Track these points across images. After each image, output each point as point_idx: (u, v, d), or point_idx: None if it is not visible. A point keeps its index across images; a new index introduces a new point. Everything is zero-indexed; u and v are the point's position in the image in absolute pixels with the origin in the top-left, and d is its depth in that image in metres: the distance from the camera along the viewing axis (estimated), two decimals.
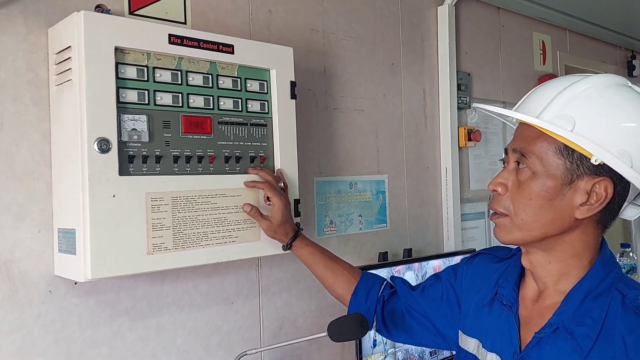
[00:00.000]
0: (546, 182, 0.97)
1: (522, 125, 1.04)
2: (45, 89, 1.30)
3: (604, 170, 0.95)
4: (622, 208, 1.02)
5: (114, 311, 1.40)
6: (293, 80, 1.52)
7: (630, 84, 1.01)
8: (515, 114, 1.02)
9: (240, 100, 1.43)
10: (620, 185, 0.96)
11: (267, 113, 1.48)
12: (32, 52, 1.29)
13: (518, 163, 1.02)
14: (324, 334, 1.27)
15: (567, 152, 0.95)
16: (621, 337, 0.93)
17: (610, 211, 1.00)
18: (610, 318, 0.96)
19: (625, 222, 3.52)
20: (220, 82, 1.40)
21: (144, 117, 1.27)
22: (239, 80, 1.43)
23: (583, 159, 0.95)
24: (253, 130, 1.46)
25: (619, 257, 2.95)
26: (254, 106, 1.46)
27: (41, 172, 1.30)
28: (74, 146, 1.19)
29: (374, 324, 1.38)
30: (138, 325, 1.44)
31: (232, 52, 1.40)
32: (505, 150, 1.06)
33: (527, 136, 1.00)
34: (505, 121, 1.19)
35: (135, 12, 1.43)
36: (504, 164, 1.07)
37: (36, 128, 1.29)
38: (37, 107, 1.29)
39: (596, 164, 0.93)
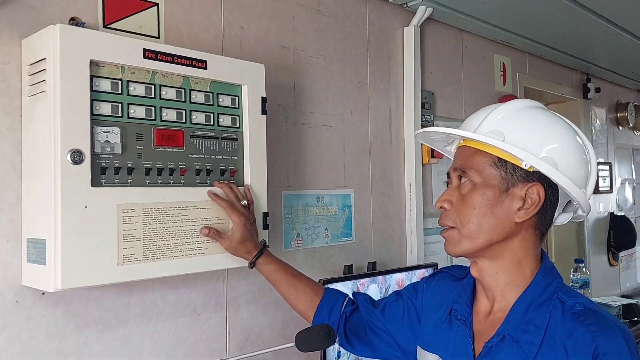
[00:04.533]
0: (486, 191, 1.08)
1: (460, 148, 1.16)
2: (17, 99, 1.31)
3: (534, 177, 1.06)
4: (555, 217, 1.13)
5: (81, 322, 1.40)
6: (264, 96, 1.56)
7: (544, 107, 1.16)
8: (454, 130, 1.14)
9: (212, 115, 1.46)
10: (550, 190, 1.07)
11: (238, 127, 1.52)
12: (5, 63, 1.30)
13: (460, 179, 1.13)
14: (290, 344, 1.30)
15: (501, 163, 1.07)
16: (561, 342, 1.01)
17: (545, 217, 1.10)
18: (552, 325, 1.04)
19: (580, 239, 3.65)
20: (193, 96, 1.42)
21: (117, 130, 1.28)
22: (211, 95, 1.46)
23: (515, 168, 1.06)
24: (224, 144, 1.49)
25: (573, 272, 3.07)
26: (226, 121, 1.49)
27: (11, 182, 1.30)
28: (47, 157, 1.20)
29: (337, 339, 1.41)
30: (105, 336, 1.44)
31: (205, 68, 1.43)
32: (448, 174, 1.18)
33: (465, 154, 1.12)
34: (444, 152, 1.30)
35: (109, 26, 1.45)
36: (447, 186, 1.17)
37: (7, 138, 1.30)
38: (9, 117, 1.30)
39: (526, 168, 1.05)
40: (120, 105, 1.29)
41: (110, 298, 1.45)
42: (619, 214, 3.99)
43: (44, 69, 1.22)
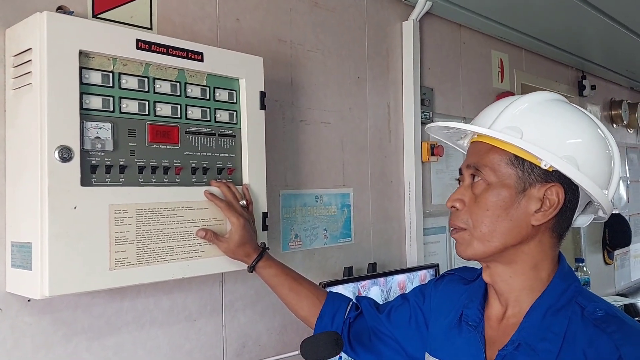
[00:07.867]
0: (501, 191, 1.00)
1: (474, 143, 1.08)
2: (0, 93, 1.22)
3: (553, 177, 0.99)
4: (574, 218, 1.06)
5: (69, 330, 1.32)
6: (263, 90, 1.48)
7: (564, 99, 1.08)
8: (469, 126, 1.06)
9: (208, 110, 1.38)
10: (570, 191, 1.00)
11: (236, 123, 1.44)
12: None
13: (473, 177, 1.05)
14: (289, 354, 1.22)
15: (518, 161, 1.00)
16: (582, 350, 0.95)
17: (563, 219, 1.03)
18: (571, 332, 0.97)
19: (576, 238, 3.61)
20: (189, 90, 1.35)
21: (108, 125, 1.20)
22: (207, 89, 1.38)
23: (533, 167, 0.99)
24: (221, 140, 1.41)
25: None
26: (223, 116, 1.41)
27: None
28: (33, 154, 1.12)
29: None
30: (95, 345, 1.36)
31: (202, 60, 1.35)
32: (460, 171, 1.10)
33: (479, 151, 1.05)
34: (455, 146, 1.22)
35: (98, 15, 1.37)
36: (459, 183, 1.10)
37: None
38: None
39: (545, 168, 0.98)
40: (111, 99, 1.21)
41: (101, 304, 1.37)
42: (614, 212, 3.96)
43: (30, 60, 1.14)
